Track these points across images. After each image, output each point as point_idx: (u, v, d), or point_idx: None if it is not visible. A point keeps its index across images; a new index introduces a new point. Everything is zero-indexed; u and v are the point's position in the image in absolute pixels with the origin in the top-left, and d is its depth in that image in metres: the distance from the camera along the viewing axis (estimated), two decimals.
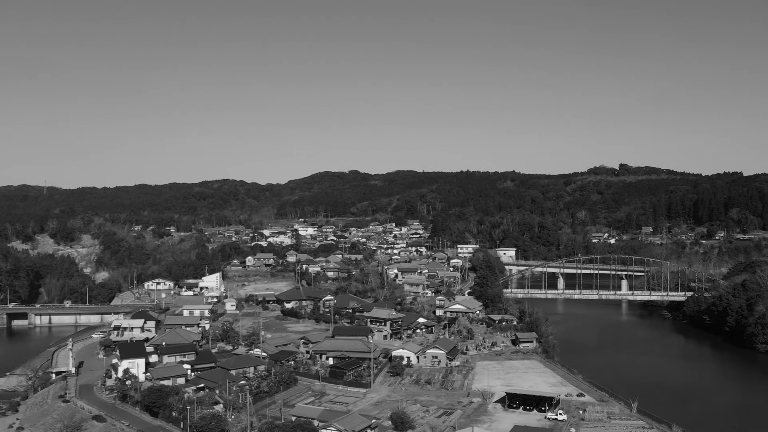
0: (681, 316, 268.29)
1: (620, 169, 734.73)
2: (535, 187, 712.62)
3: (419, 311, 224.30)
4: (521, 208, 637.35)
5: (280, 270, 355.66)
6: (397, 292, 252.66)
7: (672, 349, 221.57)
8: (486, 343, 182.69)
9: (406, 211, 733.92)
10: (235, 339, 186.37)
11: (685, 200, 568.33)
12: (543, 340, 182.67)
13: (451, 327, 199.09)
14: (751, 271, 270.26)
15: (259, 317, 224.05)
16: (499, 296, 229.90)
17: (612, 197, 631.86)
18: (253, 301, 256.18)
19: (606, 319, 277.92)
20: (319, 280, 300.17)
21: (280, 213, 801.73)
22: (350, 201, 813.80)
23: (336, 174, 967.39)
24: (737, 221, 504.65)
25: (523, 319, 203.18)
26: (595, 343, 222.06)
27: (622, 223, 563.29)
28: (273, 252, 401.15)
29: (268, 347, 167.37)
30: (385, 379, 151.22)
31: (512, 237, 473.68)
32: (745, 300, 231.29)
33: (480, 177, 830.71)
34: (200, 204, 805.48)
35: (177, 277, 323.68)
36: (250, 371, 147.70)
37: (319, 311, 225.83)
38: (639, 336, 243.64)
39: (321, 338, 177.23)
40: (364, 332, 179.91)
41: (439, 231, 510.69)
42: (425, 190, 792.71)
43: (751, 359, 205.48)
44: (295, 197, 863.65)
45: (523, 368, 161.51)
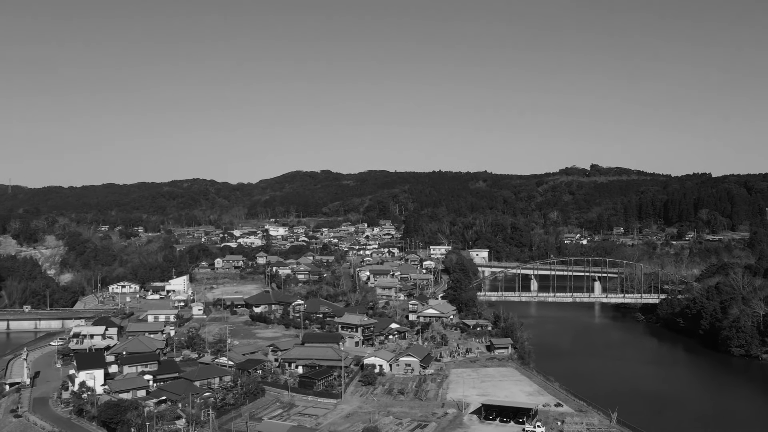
0: (654, 319, 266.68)
1: (591, 169, 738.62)
2: (507, 188, 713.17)
3: (392, 316, 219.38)
4: (493, 209, 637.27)
5: (250, 272, 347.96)
6: (369, 295, 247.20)
7: (647, 354, 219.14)
8: (460, 350, 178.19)
9: (379, 212, 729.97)
10: (201, 346, 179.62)
11: (655, 201, 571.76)
12: (518, 346, 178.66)
13: (425, 332, 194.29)
14: (724, 273, 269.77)
15: (227, 323, 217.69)
16: (473, 300, 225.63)
17: (583, 198, 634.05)
18: (220, 306, 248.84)
19: (579, 322, 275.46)
20: (290, 283, 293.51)
21: (251, 213, 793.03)
22: (322, 201, 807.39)
23: (308, 173, 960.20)
24: (706, 222, 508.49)
25: (497, 324, 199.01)
26: (570, 348, 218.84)
27: (593, 223, 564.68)
28: (242, 254, 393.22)
29: (234, 355, 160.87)
30: (357, 389, 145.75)
31: (485, 238, 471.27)
32: (719, 303, 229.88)
33: (452, 177, 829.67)
34: (169, 204, 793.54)
35: (143, 279, 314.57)
36: (215, 382, 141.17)
37: (289, 316, 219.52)
38: (613, 339, 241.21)
39: (290, 345, 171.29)
40: (334, 339, 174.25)
41: (411, 232, 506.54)
42: (397, 190, 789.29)
43: (725, 363, 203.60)
44: (267, 197, 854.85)
45: (498, 376, 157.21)
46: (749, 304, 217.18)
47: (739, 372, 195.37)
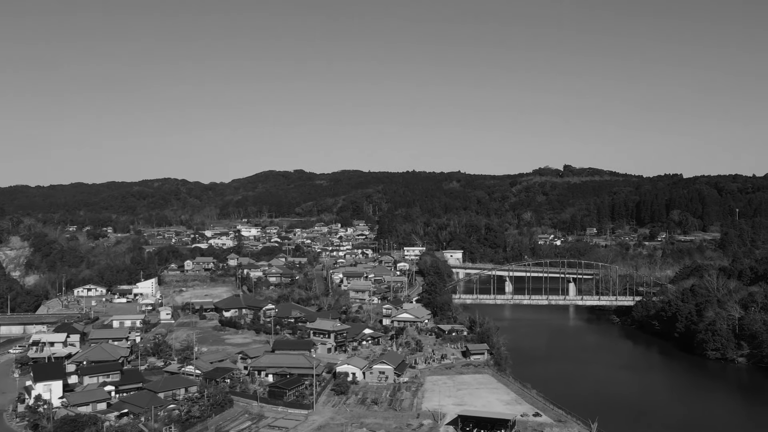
0: (630, 321, 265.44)
1: (564, 170, 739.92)
2: (481, 188, 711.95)
3: (365, 321, 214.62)
4: (467, 209, 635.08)
5: (221, 275, 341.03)
6: (342, 299, 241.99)
7: (623, 358, 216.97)
8: (436, 356, 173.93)
9: (352, 212, 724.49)
10: (168, 353, 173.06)
11: (627, 202, 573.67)
12: (494, 351, 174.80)
13: (399, 338, 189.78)
14: (698, 275, 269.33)
15: (195, 328, 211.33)
16: (448, 304, 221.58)
17: (557, 198, 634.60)
18: (189, 310, 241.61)
19: (554, 325, 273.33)
20: (261, 286, 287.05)
21: (223, 213, 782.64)
22: (295, 201, 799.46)
23: (281, 173, 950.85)
24: (678, 223, 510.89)
25: (473, 329, 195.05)
26: (546, 352, 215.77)
27: (567, 224, 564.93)
28: (213, 255, 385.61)
29: (202, 364, 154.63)
30: (329, 399, 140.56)
31: (459, 239, 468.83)
32: (694, 305, 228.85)
33: (426, 177, 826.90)
34: (139, 204, 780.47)
35: (110, 282, 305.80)
36: (180, 393, 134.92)
37: (260, 321, 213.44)
38: (589, 343, 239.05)
39: (261, 352, 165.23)
40: (306, 346, 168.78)
41: (385, 233, 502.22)
42: (371, 190, 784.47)
43: (701, 367, 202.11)
44: (239, 197, 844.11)
45: (475, 384, 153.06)
46: (725, 307, 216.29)
47: (716, 376, 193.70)
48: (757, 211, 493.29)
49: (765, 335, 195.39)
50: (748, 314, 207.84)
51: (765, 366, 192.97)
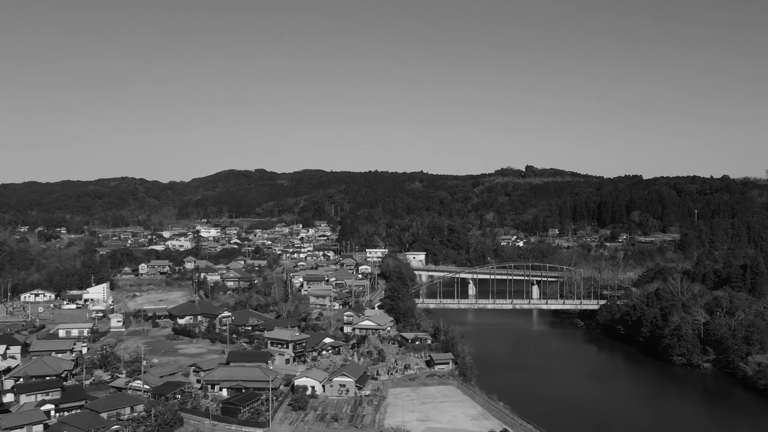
0: (594, 325, 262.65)
1: (526, 170, 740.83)
2: (444, 188, 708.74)
3: (326, 328, 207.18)
4: (430, 210, 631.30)
5: (177, 278, 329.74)
6: (302, 305, 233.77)
7: (589, 365, 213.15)
8: (399, 366, 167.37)
9: (314, 212, 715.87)
10: (116, 366, 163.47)
11: (589, 202, 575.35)
12: (460, 361, 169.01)
13: (361, 347, 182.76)
14: (662, 278, 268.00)
15: (146, 338, 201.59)
16: (411, 310, 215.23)
17: (519, 199, 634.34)
18: (141, 317, 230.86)
19: (519, 329, 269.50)
20: (218, 291, 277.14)
21: (182, 213, 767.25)
22: (256, 201, 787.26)
23: (242, 172, 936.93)
24: (639, 224, 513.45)
25: (437, 337, 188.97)
26: (511, 359, 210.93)
27: (529, 225, 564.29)
28: (170, 258, 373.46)
29: (151, 378, 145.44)
30: (286, 415, 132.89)
31: (422, 240, 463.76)
32: (659, 310, 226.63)
33: (388, 177, 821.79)
34: (95, 203, 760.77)
35: (59, 287, 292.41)
36: (125, 412, 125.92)
37: (215, 329, 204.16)
38: (554, 349, 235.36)
39: (215, 364, 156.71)
40: (263, 357, 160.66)
41: (347, 234, 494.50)
42: (333, 190, 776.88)
43: (667, 373, 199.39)
44: (198, 197, 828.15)
45: (440, 396, 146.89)
46: (690, 312, 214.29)
47: (682, 383, 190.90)
48: (715, 213, 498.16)
49: (730, 341, 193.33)
50: (713, 319, 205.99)
51: (730, 372, 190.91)
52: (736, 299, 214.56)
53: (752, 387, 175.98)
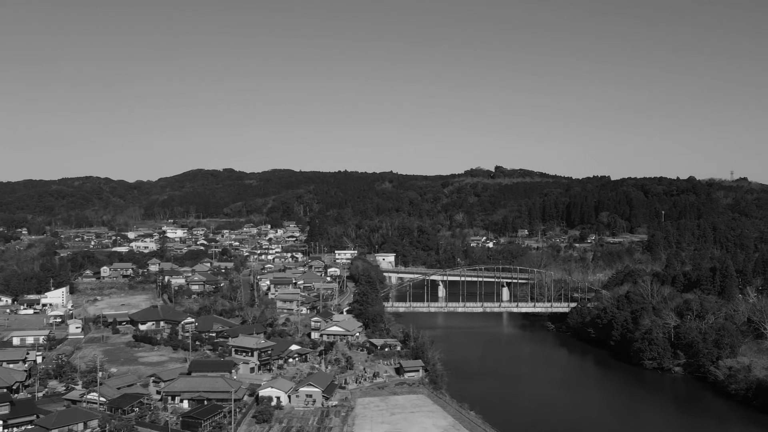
0: (565, 328, 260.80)
1: (496, 171, 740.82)
2: (413, 189, 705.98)
3: (293, 334, 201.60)
4: (400, 211, 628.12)
5: (140, 281, 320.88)
6: (269, 310, 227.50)
7: (560, 371, 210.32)
8: (367, 374, 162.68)
9: (283, 213, 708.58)
10: (71, 377, 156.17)
11: (558, 203, 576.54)
12: (430, 368, 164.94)
13: (328, 354, 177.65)
14: (632, 281, 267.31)
15: (105, 345, 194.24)
16: (380, 315, 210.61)
17: (488, 199, 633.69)
18: (101, 323, 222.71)
19: (489, 333, 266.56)
20: (182, 295, 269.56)
21: (148, 213, 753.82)
22: (224, 201, 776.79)
23: (210, 172, 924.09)
24: (607, 224, 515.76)
25: (407, 343, 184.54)
26: (481, 365, 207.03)
27: (498, 225, 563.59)
28: (133, 260, 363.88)
29: (108, 390, 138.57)
30: (250, 429, 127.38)
31: (391, 242, 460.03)
32: (629, 313, 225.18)
33: (358, 177, 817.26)
34: (58, 203, 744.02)
35: (16, 291, 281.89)
36: (78, 428, 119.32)
37: (178, 336, 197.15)
38: (525, 353, 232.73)
39: (176, 374, 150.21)
40: (226, 367, 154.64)
41: (316, 235, 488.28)
42: (302, 190, 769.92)
43: (638, 377, 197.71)
44: (165, 196, 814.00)
45: (410, 406, 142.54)
46: (660, 315, 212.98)
47: (653, 387, 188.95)
48: (682, 214, 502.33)
49: (701, 345, 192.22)
50: (683, 322, 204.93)
51: (701, 376, 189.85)
52: (707, 302, 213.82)
53: (723, 392, 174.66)
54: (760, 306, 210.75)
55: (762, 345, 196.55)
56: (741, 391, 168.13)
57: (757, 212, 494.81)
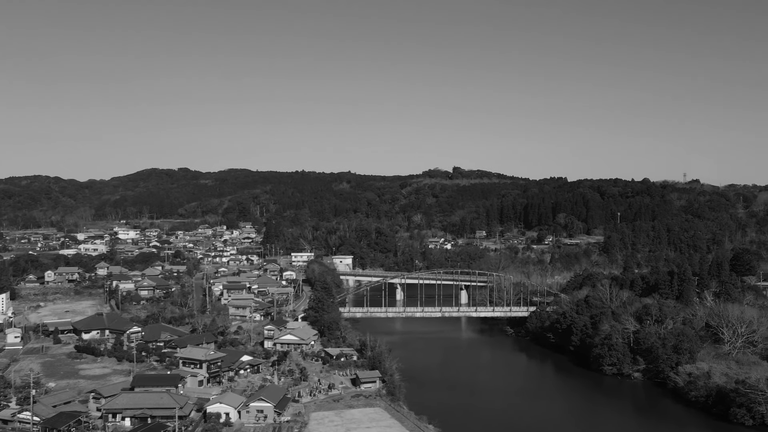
0: (524, 333, 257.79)
1: (454, 172, 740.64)
2: (371, 189, 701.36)
3: (245, 343, 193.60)
4: (358, 212, 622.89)
5: (87, 286, 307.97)
6: (221, 317, 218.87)
7: (520, 378, 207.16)
8: (322, 386, 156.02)
9: (239, 213, 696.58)
10: (5, 393, 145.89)
11: (515, 204, 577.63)
12: (387, 378, 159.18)
13: (282, 364, 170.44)
14: (591, 284, 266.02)
15: (45, 356, 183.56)
16: (336, 323, 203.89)
17: (446, 201, 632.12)
18: (41, 332, 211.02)
19: (448, 338, 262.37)
20: (131, 302, 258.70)
21: (99, 214, 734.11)
22: (178, 201, 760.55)
23: (164, 171, 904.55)
24: (564, 226, 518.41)
25: (364, 353, 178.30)
26: (441, 374, 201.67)
27: (456, 227, 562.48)
28: (80, 264, 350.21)
29: (42, 408, 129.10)
30: None
31: (349, 244, 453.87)
32: (589, 318, 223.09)
33: (315, 178, 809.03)
34: (4, 203, 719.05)
35: None
36: None
37: (123, 347, 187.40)
38: (484, 360, 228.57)
39: (117, 389, 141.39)
40: (172, 381, 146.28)
41: (272, 237, 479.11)
42: (259, 190, 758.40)
43: (598, 383, 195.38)
44: (117, 196, 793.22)
45: (366, 420, 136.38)
46: (619, 320, 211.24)
47: (612, 393, 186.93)
48: (637, 215, 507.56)
49: (660, 350, 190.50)
50: (643, 328, 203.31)
51: (660, 381, 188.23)
52: (665, 307, 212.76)
53: (683, 398, 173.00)
54: (718, 310, 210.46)
55: (720, 350, 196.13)
56: (701, 398, 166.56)
57: (709, 214, 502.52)
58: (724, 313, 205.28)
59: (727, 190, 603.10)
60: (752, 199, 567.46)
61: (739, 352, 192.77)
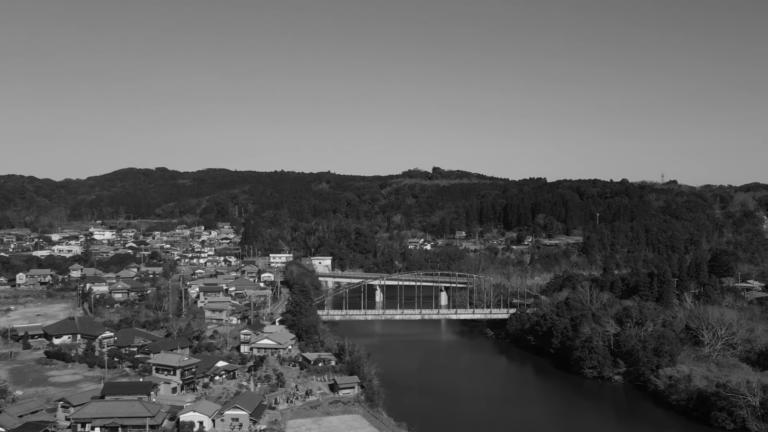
0: (504, 335, 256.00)
1: (434, 172, 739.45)
2: (351, 190, 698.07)
3: (221, 348, 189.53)
4: (337, 212, 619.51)
5: (60, 289, 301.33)
6: (197, 320, 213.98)
7: (500, 381, 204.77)
8: (299, 392, 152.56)
9: (217, 213, 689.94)
10: None
11: (495, 205, 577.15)
12: (366, 384, 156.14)
13: (258, 370, 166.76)
14: (570, 286, 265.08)
15: (13, 362, 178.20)
16: (314, 326, 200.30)
17: (426, 201, 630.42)
18: (9, 336, 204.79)
19: (427, 341, 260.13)
20: (104, 304, 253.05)
21: (75, 214, 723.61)
22: (155, 201, 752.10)
23: (142, 171, 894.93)
24: (543, 226, 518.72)
25: (342, 357, 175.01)
26: (420, 378, 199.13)
27: (436, 227, 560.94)
28: (53, 265, 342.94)
29: (7, 419, 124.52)
30: None
31: (328, 244, 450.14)
32: (569, 320, 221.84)
33: (295, 178, 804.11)
34: None
35: None
36: None
37: (94, 352, 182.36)
38: (463, 363, 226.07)
39: (87, 398, 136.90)
40: (144, 388, 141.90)
41: (250, 238, 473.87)
42: (237, 190, 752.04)
43: (579, 386, 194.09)
44: (93, 196, 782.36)
45: (344, 428, 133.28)
46: (600, 322, 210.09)
47: (593, 397, 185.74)
48: (616, 216, 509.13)
49: (641, 353, 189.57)
50: (623, 330, 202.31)
51: (641, 384, 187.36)
52: (646, 309, 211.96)
53: (664, 401, 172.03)
54: (698, 313, 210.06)
55: (700, 352, 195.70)
56: (682, 402, 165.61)
57: (687, 215, 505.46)
58: (704, 315, 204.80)
59: (704, 190, 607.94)
60: (729, 200, 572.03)
61: (719, 355, 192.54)
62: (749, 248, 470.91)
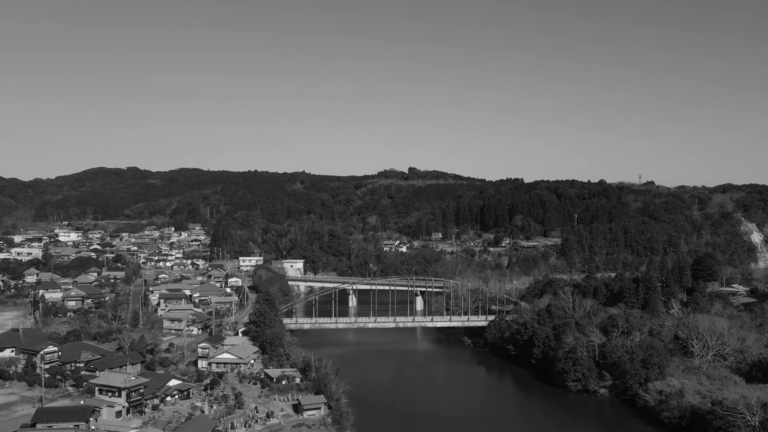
0: (482, 343, 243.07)
1: (409, 172, 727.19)
2: (326, 190, 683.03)
3: (177, 362, 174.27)
4: (311, 213, 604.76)
5: (12, 295, 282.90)
6: (151, 333, 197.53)
7: (479, 396, 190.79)
8: (259, 415, 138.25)
9: (188, 214, 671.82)
10: None
11: (472, 206, 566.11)
12: (333, 404, 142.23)
13: (215, 389, 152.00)
14: (552, 291, 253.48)
15: None
16: (279, 338, 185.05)
17: (402, 202, 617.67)
18: None
19: (401, 351, 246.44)
20: (56, 313, 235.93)
21: (40, 215, 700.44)
22: (124, 202, 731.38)
23: (112, 170, 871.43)
24: (521, 228, 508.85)
25: (307, 374, 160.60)
26: (393, 393, 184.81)
27: (412, 228, 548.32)
28: (8, 270, 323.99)
29: None
30: None
31: (300, 247, 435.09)
32: (551, 329, 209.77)
33: (268, 178, 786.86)
34: None
35: None
36: None
37: (35, 369, 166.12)
38: (440, 375, 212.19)
39: (17, 425, 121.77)
40: (82, 414, 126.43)
41: (219, 240, 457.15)
42: (209, 191, 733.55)
43: (563, 400, 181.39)
44: (60, 196, 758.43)
45: None
46: (584, 331, 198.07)
47: (578, 413, 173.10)
48: (594, 217, 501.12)
49: (628, 365, 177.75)
50: (609, 340, 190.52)
51: (628, 398, 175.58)
52: (632, 317, 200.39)
53: (654, 418, 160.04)
54: (687, 321, 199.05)
55: (689, 363, 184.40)
56: (674, 420, 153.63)
57: (665, 216, 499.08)
58: (693, 324, 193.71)
59: (679, 191, 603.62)
60: (707, 201, 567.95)
61: (710, 366, 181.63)
62: (728, 250, 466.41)
